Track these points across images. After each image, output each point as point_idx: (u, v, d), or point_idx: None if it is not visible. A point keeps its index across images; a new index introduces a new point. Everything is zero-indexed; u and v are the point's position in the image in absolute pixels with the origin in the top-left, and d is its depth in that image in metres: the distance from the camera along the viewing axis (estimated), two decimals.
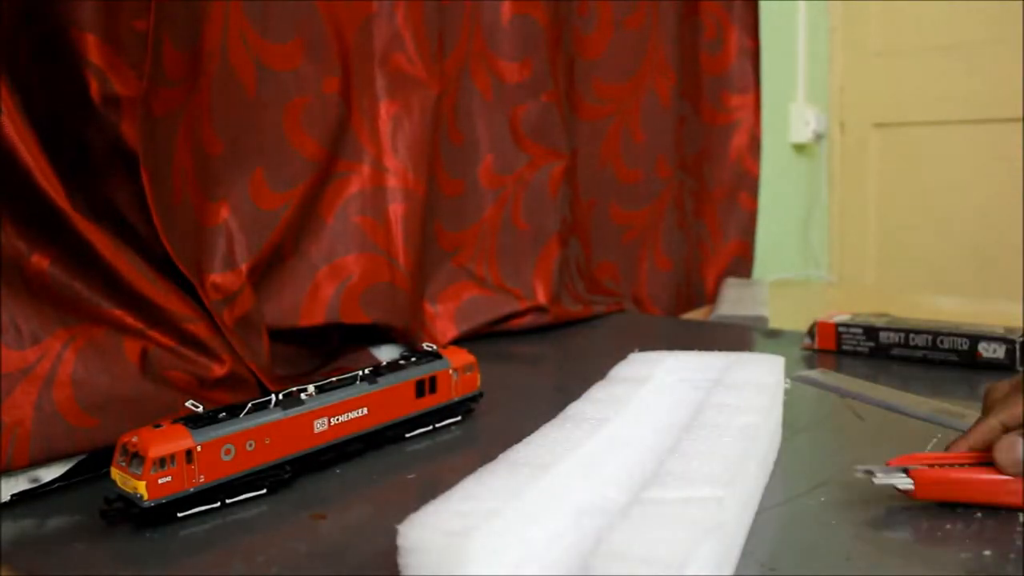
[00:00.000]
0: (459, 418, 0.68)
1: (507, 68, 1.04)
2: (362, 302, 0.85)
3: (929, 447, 0.59)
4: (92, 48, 0.59)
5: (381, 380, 0.61)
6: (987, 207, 1.88)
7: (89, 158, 0.63)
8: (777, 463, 0.56)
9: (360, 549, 0.48)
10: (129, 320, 0.60)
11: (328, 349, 0.88)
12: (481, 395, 0.69)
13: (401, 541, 0.37)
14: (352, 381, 0.60)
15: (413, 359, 0.65)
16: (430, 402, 0.64)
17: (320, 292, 0.83)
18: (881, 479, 0.49)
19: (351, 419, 0.58)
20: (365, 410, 0.59)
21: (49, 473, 0.56)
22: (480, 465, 0.44)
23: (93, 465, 0.59)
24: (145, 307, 0.60)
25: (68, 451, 0.56)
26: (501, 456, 0.45)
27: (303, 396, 0.56)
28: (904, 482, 0.48)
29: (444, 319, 0.99)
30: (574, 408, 0.54)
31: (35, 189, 0.55)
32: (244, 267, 0.75)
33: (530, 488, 0.41)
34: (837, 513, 0.49)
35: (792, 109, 1.94)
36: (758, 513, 0.48)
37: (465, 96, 1.01)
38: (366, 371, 0.61)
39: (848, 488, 0.51)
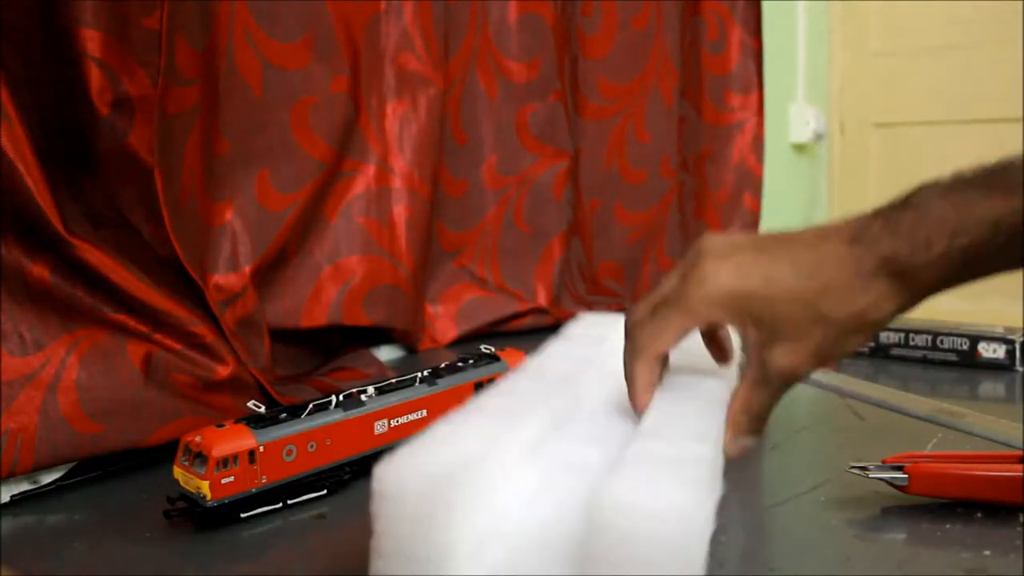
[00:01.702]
0: None
1: (514, 68, 1.03)
2: (364, 304, 0.85)
3: (929, 447, 0.59)
4: (101, 46, 0.59)
5: (441, 382, 0.60)
6: None
7: (96, 156, 0.62)
8: (777, 463, 0.56)
9: (360, 549, 0.48)
10: (132, 324, 0.60)
11: (327, 348, 0.88)
12: None
13: (377, 485, 0.35)
14: (412, 383, 0.59)
15: (471, 361, 0.64)
16: None
17: (323, 293, 0.83)
18: (875, 475, 0.49)
19: (411, 421, 0.58)
20: (425, 412, 0.58)
21: (49, 475, 0.57)
22: None
23: (92, 466, 0.59)
24: (148, 311, 0.60)
25: (73, 457, 0.56)
26: (470, 404, 0.44)
27: (363, 397, 0.56)
28: (898, 477, 0.48)
29: (444, 319, 0.99)
30: (535, 362, 0.53)
31: (33, 204, 0.55)
32: (248, 269, 0.75)
33: (508, 436, 0.40)
34: (837, 513, 0.49)
35: (792, 109, 1.94)
36: (758, 513, 0.48)
37: (470, 96, 1.01)
38: (425, 373, 0.60)
39: (848, 488, 0.51)
